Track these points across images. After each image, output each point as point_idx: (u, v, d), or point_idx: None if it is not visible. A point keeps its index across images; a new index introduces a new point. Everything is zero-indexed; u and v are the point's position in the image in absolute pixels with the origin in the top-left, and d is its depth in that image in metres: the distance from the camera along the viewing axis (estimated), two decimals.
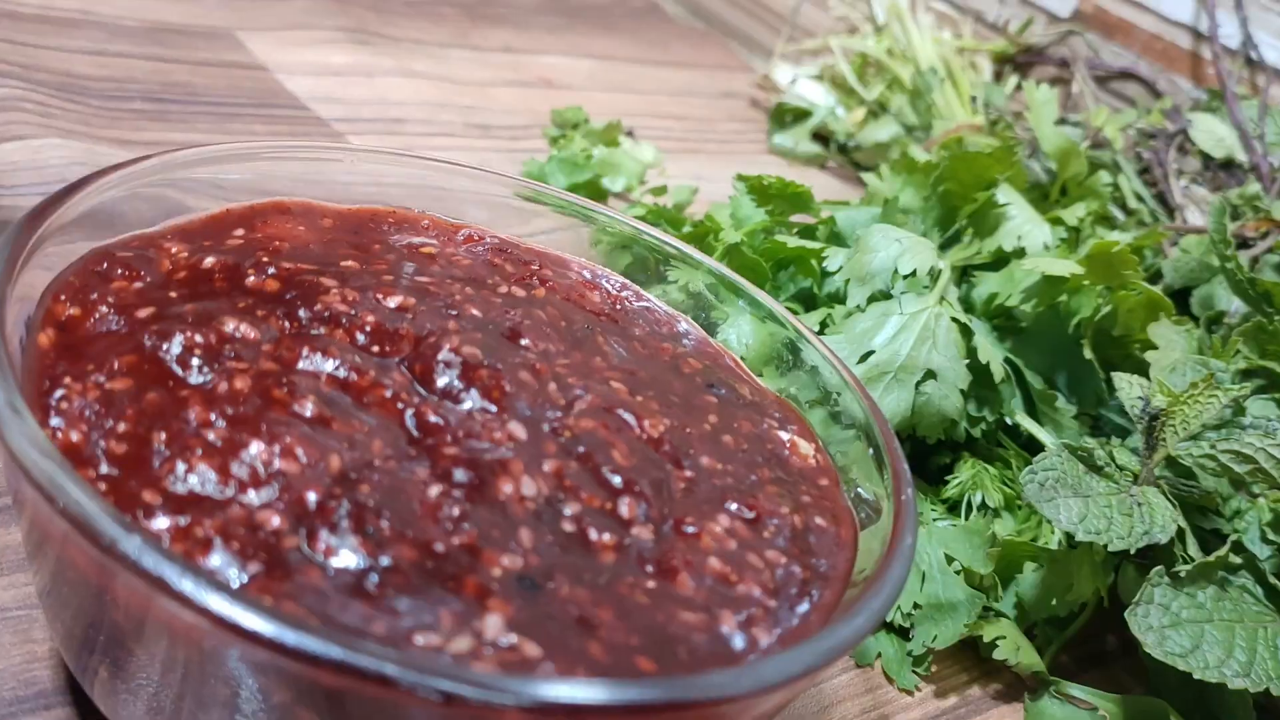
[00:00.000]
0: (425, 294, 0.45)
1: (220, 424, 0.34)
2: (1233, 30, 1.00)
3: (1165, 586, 0.53)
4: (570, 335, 0.47)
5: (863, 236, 0.65)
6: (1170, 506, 0.55)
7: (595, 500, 0.37)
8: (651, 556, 0.36)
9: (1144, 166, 0.88)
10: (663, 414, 0.43)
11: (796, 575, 0.38)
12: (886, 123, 1.07)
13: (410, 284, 0.46)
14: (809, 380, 0.53)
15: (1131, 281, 0.65)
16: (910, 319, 0.62)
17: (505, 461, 0.36)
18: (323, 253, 0.47)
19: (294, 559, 0.31)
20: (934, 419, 0.62)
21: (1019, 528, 0.62)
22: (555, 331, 0.47)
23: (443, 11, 1.16)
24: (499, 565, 0.33)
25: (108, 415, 0.34)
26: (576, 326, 0.48)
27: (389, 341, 0.41)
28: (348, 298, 0.42)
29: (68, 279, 0.40)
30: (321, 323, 0.41)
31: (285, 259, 0.44)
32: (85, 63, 0.82)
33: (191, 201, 0.51)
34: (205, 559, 0.30)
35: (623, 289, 0.55)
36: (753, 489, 0.41)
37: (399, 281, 0.46)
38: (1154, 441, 0.56)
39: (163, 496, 0.32)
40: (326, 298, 0.42)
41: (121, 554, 0.28)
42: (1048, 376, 0.68)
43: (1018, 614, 0.58)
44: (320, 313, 0.41)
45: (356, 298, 0.42)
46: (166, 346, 0.37)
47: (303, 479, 0.33)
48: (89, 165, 0.69)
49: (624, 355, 0.48)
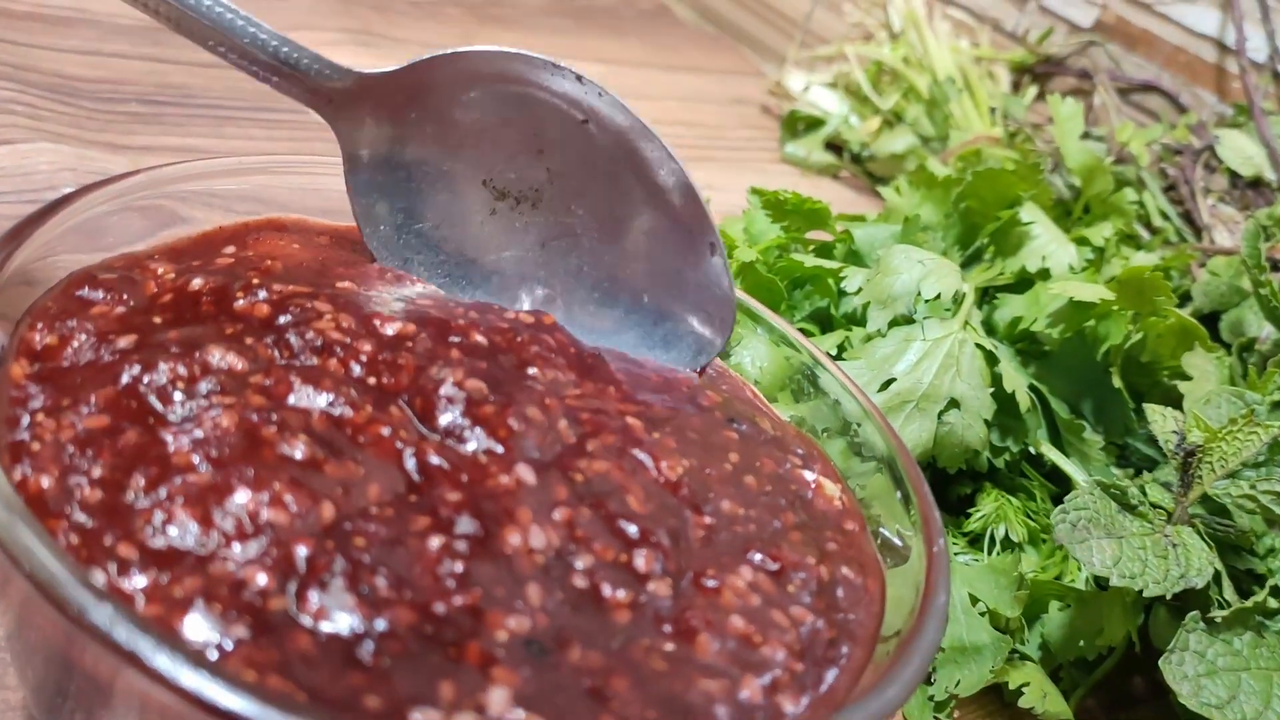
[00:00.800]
0: (426, 320, 0.42)
1: (204, 468, 0.32)
2: (1260, 43, 0.97)
3: (1200, 633, 0.51)
4: (580, 362, 0.45)
5: (884, 257, 0.62)
6: (1206, 548, 0.52)
7: (609, 552, 0.34)
8: (669, 615, 0.33)
9: (1169, 184, 0.86)
10: (680, 453, 0.40)
11: (823, 634, 0.36)
12: (902, 133, 1.05)
13: (410, 308, 0.43)
14: (827, 409, 0.50)
15: (1164, 308, 0.62)
16: (933, 345, 0.59)
17: (512, 510, 0.34)
18: (317, 273, 0.44)
19: (281, 622, 0.28)
20: (956, 449, 0.59)
21: (1043, 563, 0.59)
22: (565, 358, 0.44)
23: (449, 12, 1.13)
24: (504, 628, 0.30)
25: (82, 457, 0.32)
26: (586, 352, 0.45)
27: (387, 373, 0.38)
28: (343, 324, 0.39)
29: (45, 304, 0.37)
30: (314, 352, 0.38)
31: (277, 280, 0.41)
32: (78, 63, 0.79)
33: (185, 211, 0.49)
34: (184, 623, 0.28)
35: None
36: (776, 537, 0.38)
37: (397, 305, 0.43)
38: (1189, 479, 0.54)
39: (139, 551, 0.29)
40: (320, 324, 0.39)
41: (91, 625, 0.25)
42: (1074, 404, 0.65)
43: (1043, 655, 0.56)
44: (313, 341, 0.38)
45: (352, 324, 0.40)
46: (148, 379, 0.34)
47: (292, 530, 0.31)
48: (78, 171, 0.66)
49: (638, 385, 0.45)
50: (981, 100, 1.02)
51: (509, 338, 0.43)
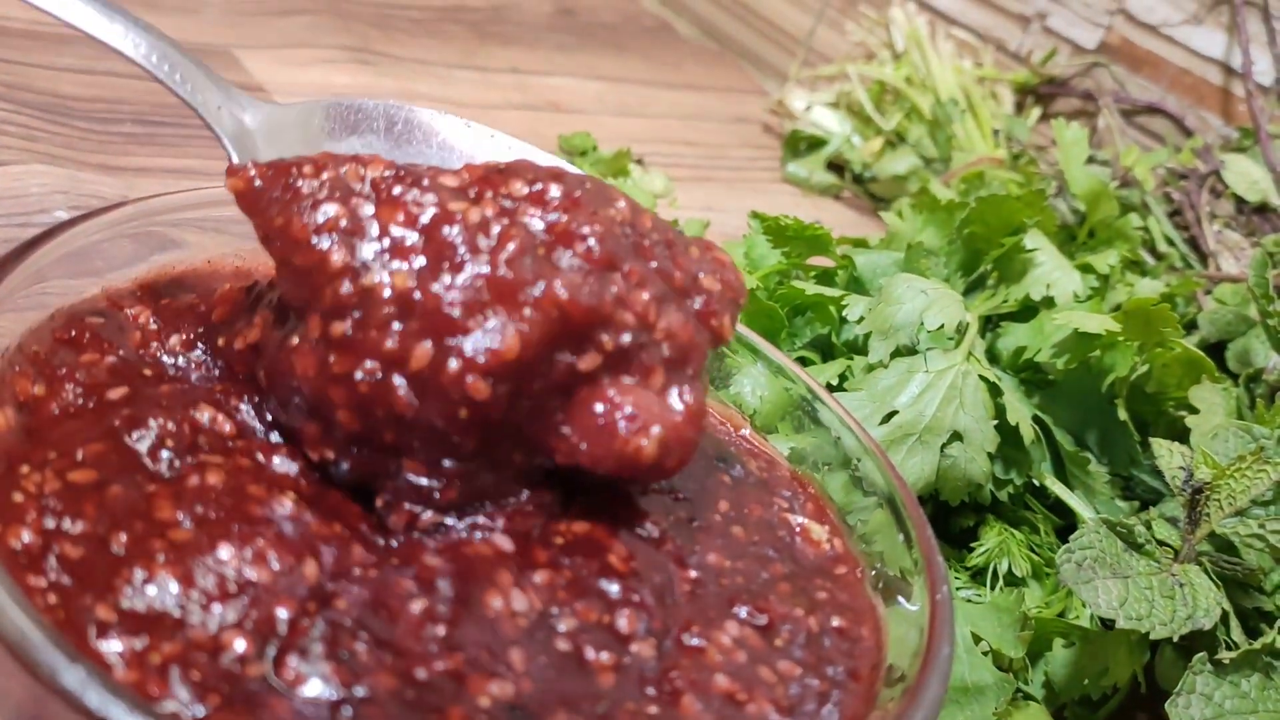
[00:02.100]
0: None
1: (187, 524, 0.31)
2: (1266, 66, 0.96)
3: (1208, 675, 0.50)
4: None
5: (886, 286, 0.62)
6: (1214, 588, 0.51)
7: (591, 614, 0.33)
8: (653, 677, 0.33)
9: (1175, 209, 0.85)
10: (666, 509, 0.39)
11: (813, 688, 0.35)
12: (904, 154, 1.04)
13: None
14: (827, 444, 0.49)
15: (1170, 339, 0.61)
16: (936, 377, 0.58)
17: (494, 575, 0.33)
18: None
19: (258, 690, 0.28)
20: (959, 483, 0.58)
21: (1047, 598, 0.58)
22: None
23: (449, 29, 1.12)
24: (487, 694, 0.30)
25: (65, 512, 0.31)
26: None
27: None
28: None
29: (32, 349, 0.36)
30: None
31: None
32: (74, 82, 0.78)
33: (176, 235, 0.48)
34: (160, 690, 0.27)
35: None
36: (764, 589, 0.38)
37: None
38: (1197, 516, 0.53)
39: (118, 614, 0.28)
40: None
41: (62, 689, 0.24)
42: (1078, 436, 0.64)
43: (1046, 695, 0.55)
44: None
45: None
46: (138, 434, 0.33)
47: (274, 591, 0.30)
48: (71, 194, 0.65)
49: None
50: (984, 121, 1.01)
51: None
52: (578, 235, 0.34)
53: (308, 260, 0.32)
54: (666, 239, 0.37)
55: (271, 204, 0.33)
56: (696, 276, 0.37)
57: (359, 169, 0.34)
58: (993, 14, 1.15)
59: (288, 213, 0.33)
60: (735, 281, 0.38)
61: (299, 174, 0.33)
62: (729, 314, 0.38)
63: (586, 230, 0.34)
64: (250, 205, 0.34)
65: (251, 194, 0.34)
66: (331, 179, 0.33)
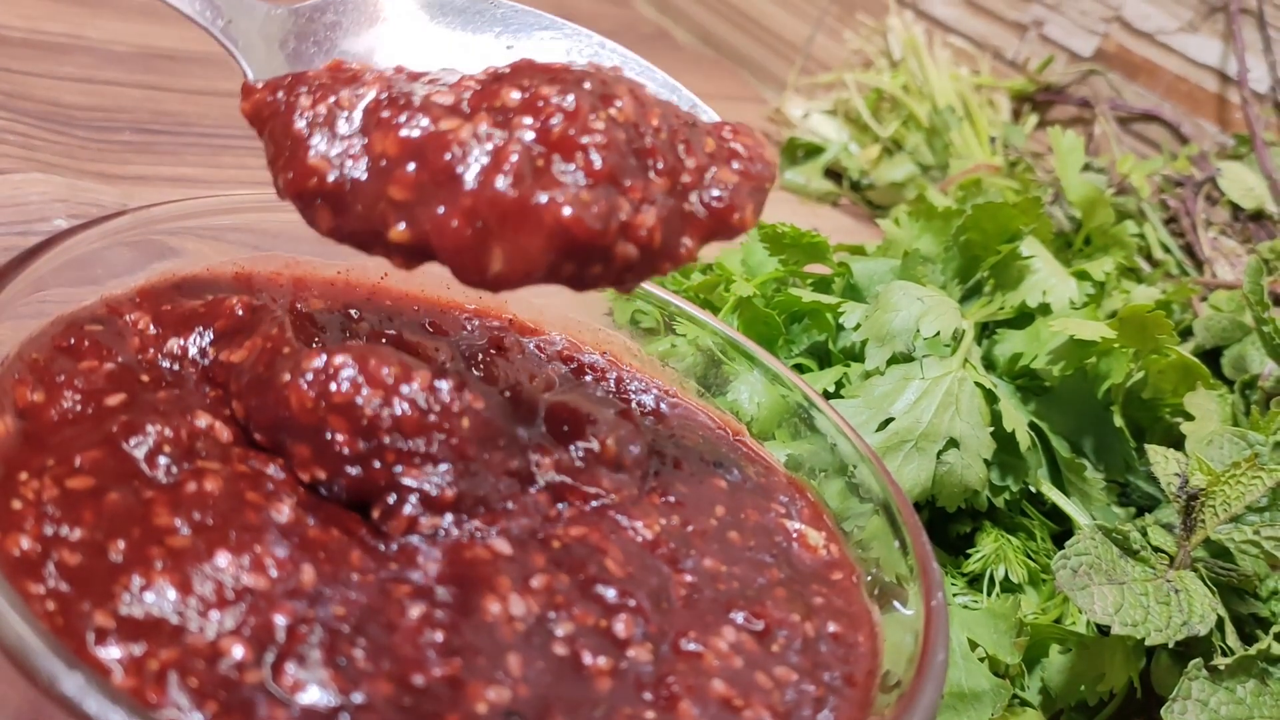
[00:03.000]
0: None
1: (185, 531, 0.31)
2: (1262, 74, 0.97)
3: (1203, 680, 0.50)
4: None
5: (883, 294, 0.62)
6: (1209, 594, 0.51)
7: (588, 618, 0.33)
8: (650, 682, 0.33)
9: (1170, 215, 0.85)
10: (660, 514, 0.39)
11: (810, 694, 0.35)
12: (902, 161, 1.04)
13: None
14: (824, 450, 0.49)
15: (1165, 346, 0.61)
16: (932, 384, 0.59)
17: (493, 579, 0.33)
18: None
19: (256, 698, 0.28)
20: (955, 489, 0.58)
21: (1043, 604, 0.58)
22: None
23: None
24: (484, 699, 0.30)
25: (64, 519, 0.31)
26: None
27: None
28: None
29: (31, 356, 0.36)
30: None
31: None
32: (73, 90, 0.79)
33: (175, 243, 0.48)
34: (158, 697, 0.27)
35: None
36: (760, 594, 0.38)
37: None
38: (1192, 522, 0.53)
39: (116, 620, 0.28)
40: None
41: (60, 695, 0.25)
42: (1074, 442, 0.65)
43: (1043, 700, 0.55)
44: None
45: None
46: (136, 441, 0.33)
47: (271, 598, 0.30)
48: (70, 202, 0.65)
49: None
50: (981, 128, 1.02)
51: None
52: (577, 145, 0.33)
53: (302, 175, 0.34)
54: (674, 132, 0.36)
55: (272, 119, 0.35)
56: (709, 170, 0.36)
57: (355, 93, 0.34)
58: (989, 22, 1.15)
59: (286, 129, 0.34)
60: (757, 169, 0.37)
61: (296, 99, 0.34)
62: (752, 204, 0.37)
63: (586, 140, 0.33)
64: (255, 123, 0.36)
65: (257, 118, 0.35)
66: (328, 110, 0.34)
